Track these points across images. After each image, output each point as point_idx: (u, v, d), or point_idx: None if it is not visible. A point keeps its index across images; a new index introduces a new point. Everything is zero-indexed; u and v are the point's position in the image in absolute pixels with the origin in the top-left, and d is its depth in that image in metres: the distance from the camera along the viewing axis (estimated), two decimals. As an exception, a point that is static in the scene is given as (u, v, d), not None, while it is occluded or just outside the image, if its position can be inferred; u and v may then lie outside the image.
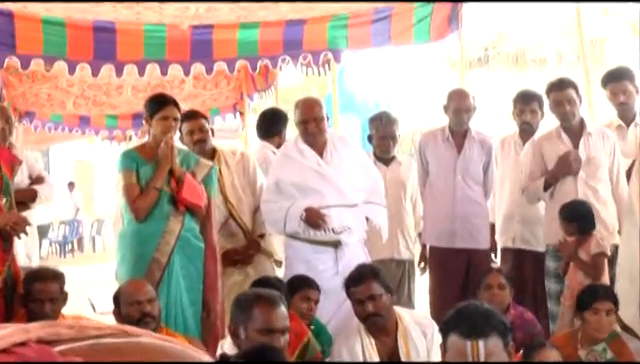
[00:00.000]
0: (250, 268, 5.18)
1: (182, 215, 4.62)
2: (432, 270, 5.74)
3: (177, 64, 7.38)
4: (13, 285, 4.23)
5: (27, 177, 5.12)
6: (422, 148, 5.77)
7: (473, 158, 5.57)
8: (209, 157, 5.20)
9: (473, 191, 5.55)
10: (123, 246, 4.66)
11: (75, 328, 1.09)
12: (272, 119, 6.13)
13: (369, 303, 3.85)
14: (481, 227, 5.56)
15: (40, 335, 1.03)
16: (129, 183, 4.59)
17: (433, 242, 5.74)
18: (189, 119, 5.22)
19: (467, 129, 5.61)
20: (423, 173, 5.75)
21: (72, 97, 10.28)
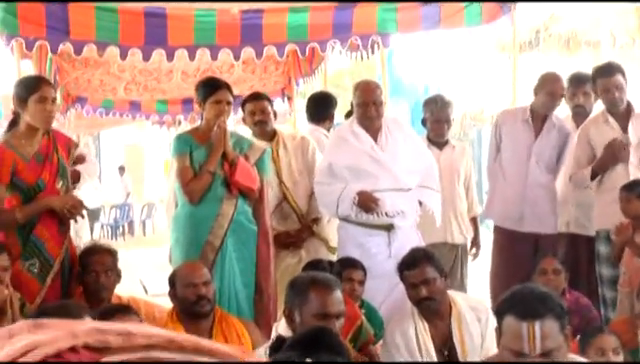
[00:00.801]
0: (303, 251, 5.20)
1: (235, 198, 4.65)
2: (496, 253, 5.62)
3: (227, 49, 7.36)
4: (70, 267, 4.30)
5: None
6: (499, 125, 5.64)
7: (550, 143, 5.44)
8: (269, 139, 5.23)
9: (545, 177, 5.44)
10: (177, 229, 4.70)
11: (123, 335, 1.07)
12: (322, 102, 6.12)
13: (423, 287, 3.82)
14: (550, 211, 5.44)
15: (88, 341, 1.02)
16: (183, 166, 4.63)
17: (499, 222, 5.65)
18: (252, 100, 5.28)
19: (548, 114, 5.48)
20: (495, 149, 5.63)
21: (123, 82, 10.35)
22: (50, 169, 4.19)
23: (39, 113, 4.09)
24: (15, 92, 4.21)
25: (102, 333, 1.05)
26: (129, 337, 1.07)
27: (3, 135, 4.34)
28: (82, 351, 0.98)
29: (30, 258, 4.09)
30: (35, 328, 1.06)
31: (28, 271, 4.08)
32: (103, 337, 1.04)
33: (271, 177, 5.12)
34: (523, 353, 2.52)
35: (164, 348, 1.07)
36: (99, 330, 1.07)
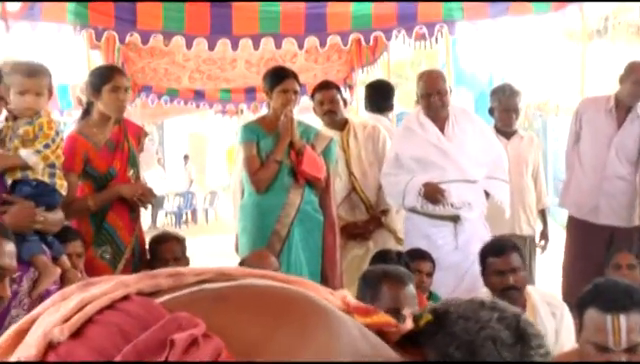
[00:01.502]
0: (371, 242, 5.18)
1: (302, 187, 4.65)
2: (570, 244, 5.52)
3: (291, 37, 7.37)
4: (140, 254, 4.36)
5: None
6: (579, 113, 5.50)
7: (632, 135, 5.28)
8: (339, 128, 5.22)
9: (625, 169, 5.29)
10: (244, 217, 4.72)
11: (173, 276, 1.07)
12: (382, 92, 6.06)
13: (510, 275, 3.74)
14: (627, 204, 5.30)
15: (140, 288, 1.02)
16: (250, 155, 4.65)
17: (573, 212, 5.54)
18: (321, 89, 5.27)
19: (633, 104, 5.32)
20: (574, 138, 5.50)
21: (188, 72, 10.46)
22: (121, 157, 4.25)
23: (112, 102, 4.15)
24: (89, 81, 4.27)
25: (152, 277, 1.06)
26: (179, 277, 1.07)
27: (76, 124, 4.41)
28: (135, 298, 0.98)
29: (102, 245, 4.16)
30: (85, 286, 1.06)
31: (101, 258, 4.15)
32: (154, 281, 1.05)
33: (340, 167, 5.12)
34: (607, 347, 2.44)
35: (215, 280, 1.07)
36: (149, 275, 1.07)
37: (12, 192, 3.31)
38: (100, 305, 0.95)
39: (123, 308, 0.95)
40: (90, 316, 0.94)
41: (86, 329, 0.93)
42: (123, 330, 0.91)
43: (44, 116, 3.40)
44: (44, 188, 3.36)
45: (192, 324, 0.90)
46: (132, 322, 0.92)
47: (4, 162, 3.29)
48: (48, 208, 3.38)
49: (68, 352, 0.90)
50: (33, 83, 3.37)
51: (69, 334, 0.92)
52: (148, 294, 1.01)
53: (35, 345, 0.91)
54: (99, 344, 0.90)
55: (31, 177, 3.33)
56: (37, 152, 3.32)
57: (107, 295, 0.97)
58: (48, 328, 0.93)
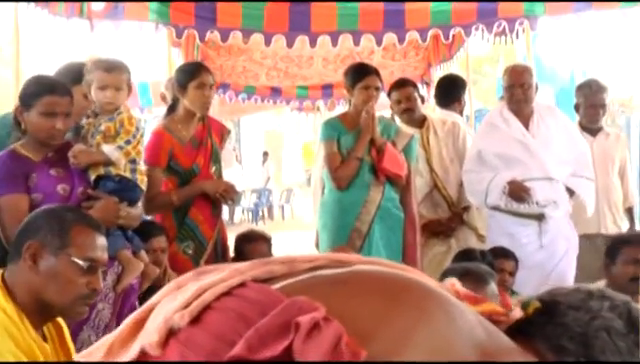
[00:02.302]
0: (453, 240, 5.12)
1: (382, 185, 4.63)
2: None
3: (369, 34, 7.35)
4: (222, 250, 4.40)
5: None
6: None
7: None
8: (418, 126, 5.18)
9: None
10: (324, 214, 4.72)
11: (286, 263, 1.07)
12: (449, 86, 5.99)
13: None
14: None
15: (255, 274, 1.02)
16: (331, 152, 4.64)
17: None
18: (397, 88, 5.25)
19: None
20: None
21: (265, 69, 10.54)
22: (204, 154, 4.30)
23: (198, 99, 4.20)
24: (175, 77, 4.34)
25: (266, 264, 1.06)
26: (292, 264, 1.07)
27: (161, 120, 4.48)
28: (251, 284, 0.98)
29: (185, 240, 4.22)
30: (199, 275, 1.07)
31: (183, 253, 4.22)
32: (268, 268, 1.05)
33: (421, 165, 5.07)
34: None
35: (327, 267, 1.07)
36: (263, 262, 1.08)
37: (95, 187, 3.37)
38: (218, 292, 0.97)
39: (241, 294, 0.96)
40: (208, 303, 0.95)
41: (205, 315, 0.94)
42: (242, 315, 0.92)
43: (124, 112, 3.47)
44: (126, 184, 3.43)
45: (312, 308, 0.90)
46: (250, 307, 0.93)
47: (88, 158, 3.36)
48: (130, 203, 3.45)
49: (188, 338, 0.92)
50: (112, 78, 3.43)
51: (189, 320, 0.93)
52: (262, 281, 1.01)
53: (157, 331, 0.93)
54: (219, 329, 0.91)
55: (113, 173, 3.39)
56: (119, 148, 3.38)
57: (224, 282, 0.98)
58: (168, 315, 0.94)
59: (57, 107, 3.20)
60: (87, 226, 2.38)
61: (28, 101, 3.23)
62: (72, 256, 2.27)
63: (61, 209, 2.55)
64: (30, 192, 3.21)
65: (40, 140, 3.26)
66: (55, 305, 2.26)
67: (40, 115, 3.20)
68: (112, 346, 1.00)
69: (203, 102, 4.24)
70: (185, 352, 0.92)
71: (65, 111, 3.23)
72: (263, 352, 0.86)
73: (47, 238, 2.27)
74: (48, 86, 3.25)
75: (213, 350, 0.90)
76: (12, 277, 2.26)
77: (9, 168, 3.22)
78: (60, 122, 3.21)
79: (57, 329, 2.40)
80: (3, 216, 3.19)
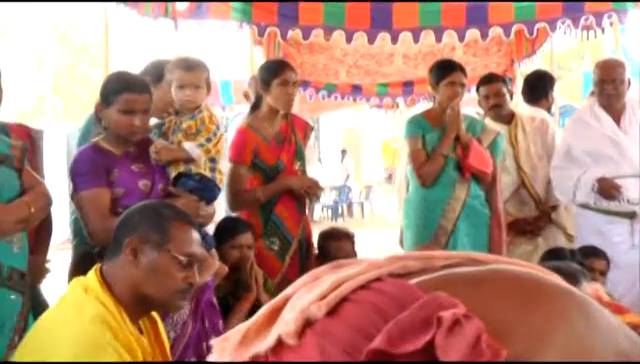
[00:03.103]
0: (541, 238, 5.03)
1: (468, 182, 4.57)
2: None
3: (452, 30, 7.29)
4: (307, 246, 4.42)
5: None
6: None
7: None
8: (506, 122, 5.11)
9: None
10: (409, 212, 4.70)
11: (422, 260, 1.06)
12: (536, 81, 5.87)
13: None
14: None
15: (391, 269, 1.01)
16: (415, 149, 4.61)
17: None
18: (486, 83, 5.18)
19: None
20: None
21: (346, 66, 10.57)
22: (289, 150, 4.33)
23: (281, 96, 4.23)
24: (259, 75, 4.37)
25: (402, 259, 1.05)
26: (428, 260, 1.06)
27: (245, 117, 4.52)
28: (388, 279, 0.98)
29: (271, 236, 4.25)
30: (334, 268, 1.07)
31: (269, 249, 4.24)
32: (403, 263, 1.04)
33: (508, 162, 5.00)
34: None
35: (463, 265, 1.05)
36: (398, 257, 1.07)
37: (175, 185, 3.41)
38: (355, 285, 0.96)
39: (378, 288, 0.96)
40: (345, 295, 0.95)
41: (342, 307, 0.94)
42: (379, 308, 0.91)
43: (205, 111, 3.49)
44: (206, 183, 3.44)
45: (452, 304, 0.89)
46: (388, 301, 0.92)
47: (170, 155, 3.39)
48: (207, 202, 3.47)
49: (325, 329, 0.92)
50: (191, 77, 3.47)
51: (326, 311, 0.93)
52: (398, 276, 1.01)
53: (293, 321, 0.93)
54: (356, 322, 0.91)
55: (194, 171, 3.42)
56: (200, 145, 3.40)
57: (361, 275, 0.98)
58: (305, 305, 0.95)
59: (135, 104, 3.24)
60: (184, 222, 2.42)
61: (108, 98, 3.28)
62: (172, 251, 2.31)
63: (158, 205, 2.60)
64: (112, 186, 3.26)
65: (120, 136, 3.31)
66: (155, 299, 2.30)
67: (119, 112, 3.25)
68: (247, 333, 1.01)
69: (286, 99, 4.26)
70: (322, 343, 0.92)
71: (143, 108, 3.27)
72: (404, 346, 0.86)
73: (147, 233, 2.31)
74: (127, 83, 3.29)
75: (351, 342, 0.90)
76: (111, 272, 2.31)
77: (93, 161, 3.27)
78: (138, 119, 3.25)
79: (152, 323, 2.45)
80: (86, 210, 3.25)
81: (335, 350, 0.90)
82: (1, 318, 2.89)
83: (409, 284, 0.97)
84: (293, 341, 0.93)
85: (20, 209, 2.96)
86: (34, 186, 3.10)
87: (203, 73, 3.50)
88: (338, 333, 0.91)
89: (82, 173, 3.26)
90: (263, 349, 0.95)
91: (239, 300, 3.94)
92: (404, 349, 0.85)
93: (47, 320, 2.27)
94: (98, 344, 2.08)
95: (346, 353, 0.89)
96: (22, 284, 3.00)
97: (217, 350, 1.03)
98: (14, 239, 2.98)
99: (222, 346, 1.03)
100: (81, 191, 3.26)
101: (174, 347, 3.19)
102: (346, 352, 0.89)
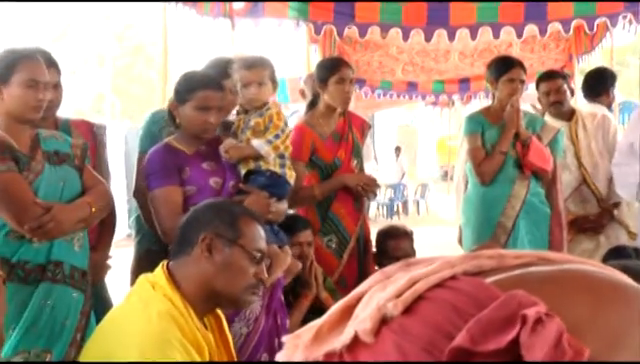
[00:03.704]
0: (602, 236, 4.95)
1: (528, 179, 4.54)
2: None
3: (510, 26, 7.22)
4: (365, 244, 4.42)
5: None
6: None
7: None
8: (566, 119, 5.05)
9: None
10: (468, 209, 4.67)
11: (495, 258, 1.05)
12: (596, 78, 5.77)
13: None
14: None
15: (465, 268, 1.01)
16: (474, 146, 4.58)
17: None
18: (546, 80, 5.12)
19: None
20: None
21: (401, 64, 10.54)
22: (346, 148, 4.33)
23: (338, 94, 4.23)
24: (316, 73, 4.38)
25: (475, 258, 1.05)
26: (501, 259, 1.05)
27: (303, 115, 4.54)
28: (463, 277, 0.97)
29: (328, 234, 4.26)
30: (407, 266, 1.07)
31: (326, 247, 4.25)
32: (477, 262, 1.03)
33: (569, 159, 4.93)
34: None
35: (536, 264, 1.05)
36: (472, 256, 1.06)
37: (245, 182, 3.44)
38: (430, 283, 0.96)
39: (453, 286, 0.95)
40: (420, 293, 0.95)
41: (418, 306, 0.94)
42: (456, 307, 0.91)
43: (273, 108, 3.51)
44: (276, 179, 3.47)
45: (531, 302, 0.88)
46: (465, 300, 0.92)
47: (239, 153, 3.42)
48: (278, 198, 3.49)
49: (401, 326, 0.92)
50: (254, 74, 3.49)
51: (402, 309, 0.93)
52: (472, 274, 1.01)
53: (370, 318, 0.94)
54: (433, 319, 0.91)
55: (263, 168, 3.45)
56: (268, 142, 3.42)
57: (436, 273, 0.98)
58: (381, 303, 0.95)
59: (211, 101, 3.30)
60: (253, 218, 2.45)
61: (183, 96, 3.33)
62: (245, 247, 2.34)
63: (226, 202, 2.63)
64: (183, 185, 3.31)
65: (194, 134, 3.36)
66: (226, 295, 2.33)
67: (194, 109, 3.30)
68: (320, 330, 1.01)
69: (343, 97, 4.26)
70: (399, 341, 0.92)
71: (218, 105, 3.33)
72: (486, 344, 0.85)
73: (220, 229, 2.34)
74: (203, 81, 3.35)
75: (429, 340, 0.90)
76: (179, 268, 2.33)
77: (164, 160, 3.32)
78: (213, 116, 3.30)
79: (216, 320, 2.47)
80: (158, 208, 3.30)
81: (413, 348, 0.90)
82: (63, 316, 2.95)
83: (486, 283, 0.97)
84: (369, 338, 0.93)
85: (81, 209, 3.02)
86: (95, 185, 3.16)
87: (265, 70, 3.52)
88: (416, 331, 0.91)
89: (154, 172, 3.32)
90: (338, 346, 0.96)
91: (298, 297, 3.96)
92: (487, 347, 0.85)
93: (116, 316, 2.31)
94: (165, 340, 2.10)
95: (425, 351, 0.89)
96: (83, 282, 3.07)
97: (289, 347, 1.04)
98: (75, 238, 3.05)
99: (294, 343, 1.04)
100: (153, 190, 3.31)
101: (246, 343, 3.22)
102: (425, 350, 0.89)
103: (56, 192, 2.99)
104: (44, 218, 2.86)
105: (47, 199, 2.93)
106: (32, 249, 2.91)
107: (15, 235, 2.90)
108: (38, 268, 2.91)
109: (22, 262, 2.88)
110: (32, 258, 2.91)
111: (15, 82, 2.92)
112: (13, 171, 2.89)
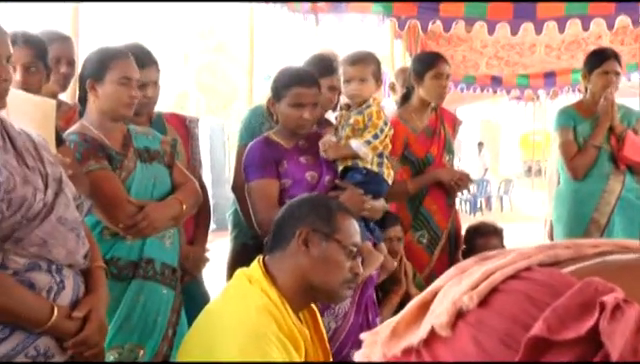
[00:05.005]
0: None
1: (623, 174, 4.42)
2: None
3: (600, 18, 7.05)
4: (456, 240, 4.39)
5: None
6: None
7: None
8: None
9: None
10: (560, 205, 4.58)
11: (572, 248, 1.02)
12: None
13: None
14: None
15: (541, 259, 0.98)
16: (566, 141, 4.49)
17: None
18: None
19: None
20: None
21: (485, 58, 10.41)
22: (438, 143, 4.30)
23: (434, 88, 4.20)
24: (412, 67, 4.35)
25: (551, 248, 1.02)
26: (577, 248, 1.03)
27: (396, 109, 4.52)
28: (537, 268, 0.95)
29: (419, 229, 4.23)
30: (482, 260, 1.05)
31: (418, 242, 4.23)
32: (553, 252, 1.01)
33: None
34: None
35: (613, 252, 1.02)
36: (548, 246, 1.04)
37: (342, 178, 3.45)
38: (505, 275, 0.95)
39: (528, 277, 0.94)
40: (495, 285, 0.94)
41: (493, 298, 0.93)
42: (531, 297, 0.90)
43: (374, 106, 3.49)
44: (373, 177, 3.46)
45: (609, 289, 0.86)
46: (540, 290, 0.90)
47: (337, 153, 3.43)
48: (374, 196, 3.49)
49: (477, 319, 0.91)
50: (356, 70, 3.49)
51: (478, 301, 0.92)
52: (548, 265, 0.99)
53: (446, 312, 0.93)
54: (509, 311, 0.90)
55: (360, 165, 3.44)
56: (367, 143, 3.41)
57: (511, 265, 0.97)
58: (456, 296, 0.94)
59: (304, 98, 3.31)
60: (347, 213, 2.45)
61: (279, 93, 3.36)
62: (342, 241, 2.35)
63: (322, 197, 2.64)
64: (280, 177, 3.35)
65: (290, 129, 3.39)
66: (322, 289, 2.33)
67: (289, 106, 3.33)
68: (397, 327, 1.01)
69: (439, 92, 4.22)
70: (476, 334, 0.91)
71: (312, 101, 3.34)
72: (564, 333, 0.84)
73: (316, 224, 2.34)
74: (297, 78, 3.37)
75: (507, 332, 0.88)
76: (276, 262, 2.34)
77: (263, 153, 3.37)
78: (307, 112, 3.32)
79: (311, 315, 2.48)
80: (254, 200, 3.35)
81: (490, 340, 0.89)
82: (155, 312, 3.00)
83: (561, 273, 0.95)
84: (446, 332, 0.92)
85: (173, 207, 3.07)
86: (185, 183, 3.21)
87: (369, 66, 3.52)
88: (492, 323, 0.90)
89: (252, 164, 3.37)
90: (415, 341, 0.95)
91: (388, 293, 3.96)
92: (565, 336, 0.83)
93: (213, 310, 2.33)
94: (263, 334, 2.11)
95: (502, 343, 0.88)
96: (173, 279, 3.12)
97: (368, 343, 1.04)
98: (166, 235, 3.09)
99: (373, 339, 1.03)
100: (251, 181, 3.37)
101: (334, 338, 3.23)
102: (502, 342, 0.88)
103: (147, 190, 3.04)
104: (138, 216, 2.92)
105: (139, 197, 2.98)
106: (125, 246, 2.97)
107: (109, 232, 2.96)
108: (130, 265, 2.97)
109: (115, 259, 2.94)
110: (125, 255, 2.97)
111: (109, 80, 2.98)
112: (107, 169, 2.95)
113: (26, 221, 2.11)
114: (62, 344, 2.18)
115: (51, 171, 2.25)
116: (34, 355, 2.12)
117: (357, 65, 3.50)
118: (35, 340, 2.13)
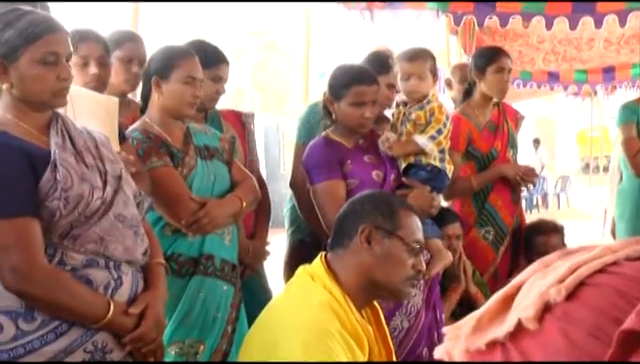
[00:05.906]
0: None
1: (688, 171, 4.32)
2: None
3: (665, 9, 6.90)
4: (520, 237, 4.33)
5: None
6: None
7: None
8: None
9: None
10: (622, 202, 4.52)
11: None
12: None
13: None
14: None
15: (627, 253, 0.97)
16: (629, 136, 4.42)
17: None
18: None
19: None
20: None
21: (542, 53, 10.28)
22: (502, 138, 4.26)
23: (496, 83, 4.16)
24: (474, 62, 4.31)
25: (638, 243, 1.01)
26: None
27: (459, 104, 4.49)
28: (625, 263, 0.94)
29: (485, 225, 4.19)
30: (565, 255, 1.04)
31: (483, 238, 4.19)
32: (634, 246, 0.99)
33: None
34: None
35: None
36: (634, 241, 1.03)
37: (404, 175, 3.42)
38: (592, 269, 0.94)
39: (616, 271, 0.93)
40: (583, 279, 0.93)
41: (580, 291, 0.92)
42: (621, 291, 0.89)
43: (434, 101, 3.46)
44: (437, 173, 3.43)
45: None
46: (629, 284, 0.89)
47: (403, 149, 3.40)
48: (438, 192, 3.47)
49: (565, 312, 0.90)
50: (413, 67, 3.46)
51: (565, 294, 0.91)
52: (635, 259, 0.98)
53: (532, 305, 0.92)
54: (597, 304, 0.89)
55: (424, 162, 3.42)
56: (431, 138, 3.38)
57: (598, 259, 0.95)
58: (543, 290, 0.93)
59: (365, 96, 3.28)
60: (410, 210, 2.44)
61: (338, 92, 3.33)
62: (404, 238, 2.33)
63: (383, 194, 2.63)
64: (346, 178, 3.31)
65: (351, 128, 3.37)
66: (385, 286, 2.32)
67: (350, 105, 3.29)
68: (481, 320, 1.00)
69: (501, 87, 4.18)
70: (564, 327, 0.90)
71: (372, 99, 3.30)
72: None
73: (379, 221, 2.32)
74: (356, 76, 3.33)
75: (596, 325, 0.87)
76: (338, 259, 2.33)
77: (326, 154, 3.34)
78: (368, 110, 3.29)
79: (374, 312, 2.46)
80: (322, 202, 3.32)
81: (579, 333, 0.88)
82: (215, 308, 3.02)
83: None
84: (533, 326, 0.91)
85: (233, 204, 3.08)
86: (243, 180, 3.21)
87: (426, 62, 3.49)
88: (581, 316, 0.89)
89: (316, 166, 3.34)
90: (502, 334, 0.94)
91: (447, 291, 3.93)
92: None
93: (276, 306, 2.34)
94: (326, 330, 2.10)
95: (592, 336, 0.86)
96: (233, 275, 3.13)
97: (450, 338, 1.03)
98: (225, 231, 3.10)
99: (455, 333, 1.03)
100: (316, 184, 3.34)
101: (407, 337, 3.22)
102: (591, 335, 0.87)
103: (208, 187, 3.06)
104: (199, 213, 2.93)
105: (199, 194, 3.00)
106: (186, 243, 2.99)
107: (170, 229, 2.98)
108: (191, 261, 2.99)
109: (176, 255, 2.96)
110: (185, 251, 2.99)
111: (174, 79, 3.00)
112: (169, 166, 2.97)
113: (84, 218, 2.14)
114: (120, 340, 2.21)
115: (110, 169, 2.28)
116: (92, 350, 2.15)
117: (415, 62, 3.47)
118: (93, 335, 2.15)
